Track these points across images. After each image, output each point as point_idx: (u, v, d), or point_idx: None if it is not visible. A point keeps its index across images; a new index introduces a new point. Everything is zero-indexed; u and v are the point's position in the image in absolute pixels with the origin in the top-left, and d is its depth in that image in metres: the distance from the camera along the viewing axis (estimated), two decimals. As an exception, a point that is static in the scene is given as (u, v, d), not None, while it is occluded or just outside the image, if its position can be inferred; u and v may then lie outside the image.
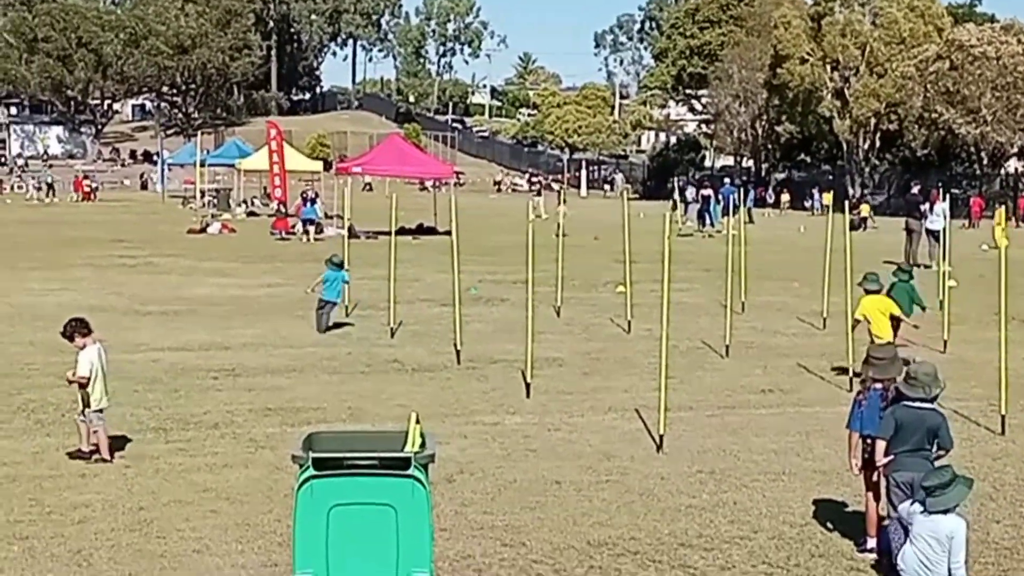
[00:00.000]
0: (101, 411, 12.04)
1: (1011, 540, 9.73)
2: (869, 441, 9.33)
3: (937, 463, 8.90)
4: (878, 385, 9.27)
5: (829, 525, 10.02)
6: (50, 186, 72.08)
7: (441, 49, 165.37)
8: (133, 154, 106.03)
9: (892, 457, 9.01)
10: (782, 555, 9.29)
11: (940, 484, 8.26)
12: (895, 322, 15.96)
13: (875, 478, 9.34)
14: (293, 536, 6.77)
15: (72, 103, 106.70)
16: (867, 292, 16.05)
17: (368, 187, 69.09)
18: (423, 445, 7.13)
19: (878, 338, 15.44)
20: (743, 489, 11.18)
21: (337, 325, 20.78)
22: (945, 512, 8.21)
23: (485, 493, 10.92)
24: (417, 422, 7.33)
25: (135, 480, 11.18)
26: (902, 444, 8.95)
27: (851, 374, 15.89)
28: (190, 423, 13.54)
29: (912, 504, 8.39)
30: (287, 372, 16.81)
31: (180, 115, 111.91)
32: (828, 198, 31.24)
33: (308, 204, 43.17)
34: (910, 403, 8.96)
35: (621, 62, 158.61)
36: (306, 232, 41.45)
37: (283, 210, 45.66)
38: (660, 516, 10.28)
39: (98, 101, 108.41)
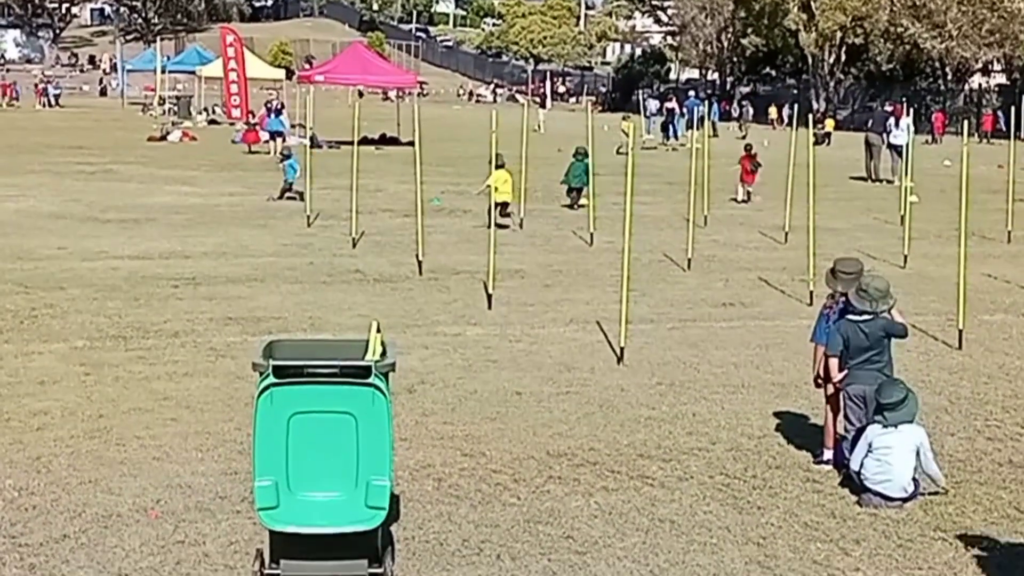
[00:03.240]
0: None
1: (965, 452, 9.85)
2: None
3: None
4: (844, 299, 9.31)
5: (786, 437, 10.11)
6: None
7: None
8: (92, 59, 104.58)
9: (846, 372, 9.09)
10: (739, 466, 9.38)
11: (898, 400, 8.63)
12: None
13: (832, 391, 9.42)
14: (253, 444, 6.76)
15: (29, 6, 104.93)
16: (497, 167, 20.96)
17: (360, 94, 67.68)
18: (384, 354, 7.12)
19: (498, 195, 20.90)
20: (702, 401, 11.26)
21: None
22: (910, 422, 8.61)
23: (446, 403, 10.95)
24: (378, 331, 7.31)
25: (94, 388, 11.14)
26: (853, 357, 9.04)
27: (810, 288, 15.98)
28: (150, 331, 13.48)
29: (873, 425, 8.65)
30: (248, 281, 16.74)
31: (139, 20, 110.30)
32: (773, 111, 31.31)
33: (273, 115, 41.39)
34: (854, 317, 9.02)
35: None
36: (273, 142, 38.91)
37: (251, 122, 44.22)
38: (619, 427, 10.34)
39: (56, 4, 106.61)
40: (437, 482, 8.85)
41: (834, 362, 9.18)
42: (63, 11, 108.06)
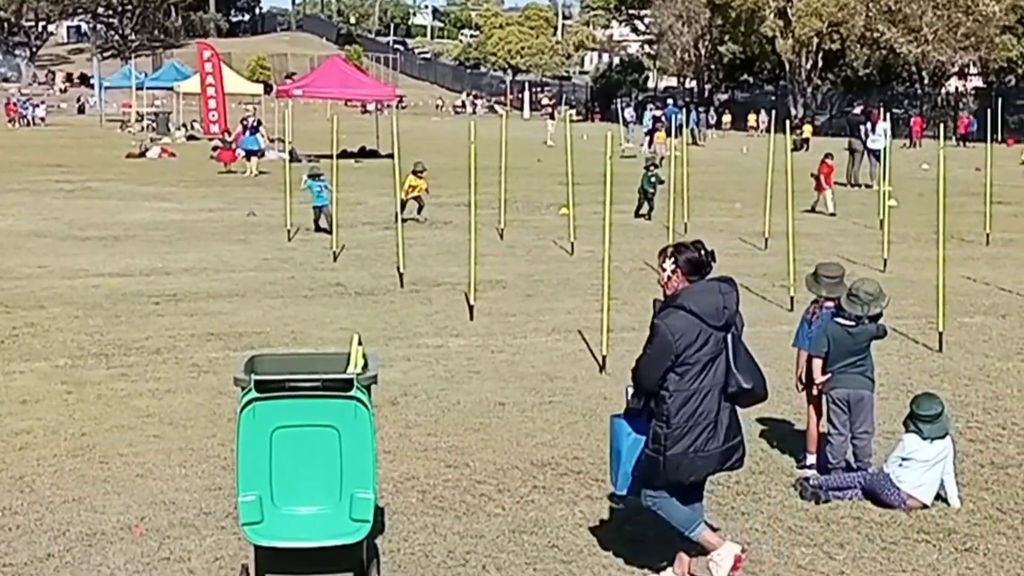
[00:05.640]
0: None
1: (947, 454, 9.88)
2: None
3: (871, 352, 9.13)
4: (829, 304, 9.33)
5: (769, 442, 10.14)
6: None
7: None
8: (69, 77, 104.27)
9: (829, 374, 9.12)
10: (723, 473, 9.38)
11: (936, 413, 8.77)
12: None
13: (815, 393, 9.44)
14: (236, 459, 6.75)
15: (5, 24, 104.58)
16: (414, 173, 24.38)
17: (364, 110, 67.13)
18: (365, 367, 7.12)
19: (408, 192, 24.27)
20: (685, 408, 11.25)
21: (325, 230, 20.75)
22: (944, 436, 8.77)
23: (429, 415, 10.95)
24: (359, 344, 7.31)
25: (77, 406, 11.12)
26: (837, 361, 9.07)
27: (791, 293, 16.03)
28: (132, 349, 13.46)
29: (901, 450, 8.77)
30: (229, 297, 16.72)
31: (116, 37, 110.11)
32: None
33: (249, 132, 39.75)
34: (843, 320, 9.05)
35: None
36: (248, 161, 37.30)
37: (227, 139, 42.69)
38: (603, 436, 10.28)
39: (32, 23, 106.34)
40: (421, 494, 8.85)
41: (818, 363, 9.20)
42: (39, 29, 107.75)
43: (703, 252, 6.96)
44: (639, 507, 8.57)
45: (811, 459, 9.45)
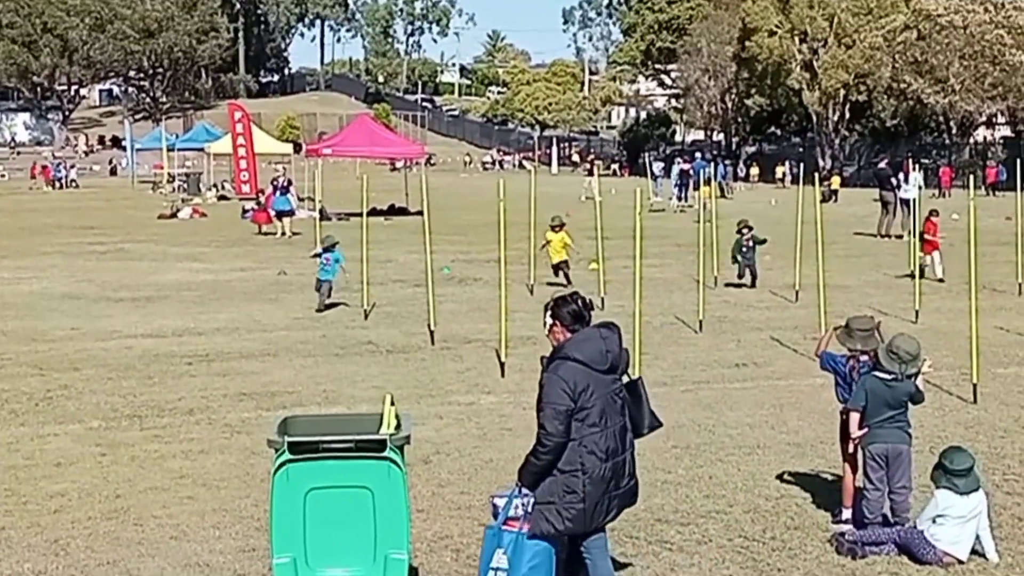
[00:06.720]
0: None
1: (984, 508, 9.80)
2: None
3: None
4: (864, 357, 9.29)
5: (804, 497, 10.08)
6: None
7: (409, 28, 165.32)
8: (101, 140, 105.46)
9: (866, 429, 9.06)
10: (758, 528, 9.34)
11: (968, 467, 8.66)
12: None
13: (852, 449, 9.38)
14: (270, 521, 6.78)
15: (38, 89, 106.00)
16: (552, 228, 23.64)
17: (393, 167, 67.84)
18: (398, 427, 7.15)
19: (554, 256, 23.69)
20: (718, 463, 11.23)
21: (332, 306, 20.83)
22: (976, 489, 8.68)
23: (462, 473, 10.93)
24: (392, 404, 7.33)
25: (111, 468, 11.16)
26: (875, 415, 9.00)
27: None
28: (165, 410, 13.51)
29: (934, 508, 8.66)
30: (261, 356, 16.77)
31: (148, 99, 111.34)
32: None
33: (280, 193, 38.97)
34: (882, 375, 8.99)
35: (590, 38, 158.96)
36: (279, 221, 36.86)
37: (261, 201, 41.36)
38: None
39: (65, 87, 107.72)
40: (455, 553, 8.83)
41: (855, 417, 9.12)
42: (72, 93, 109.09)
43: (580, 303, 7.31)
44: (672, 563, 8.54)
45: (847, 514, 9.38)
